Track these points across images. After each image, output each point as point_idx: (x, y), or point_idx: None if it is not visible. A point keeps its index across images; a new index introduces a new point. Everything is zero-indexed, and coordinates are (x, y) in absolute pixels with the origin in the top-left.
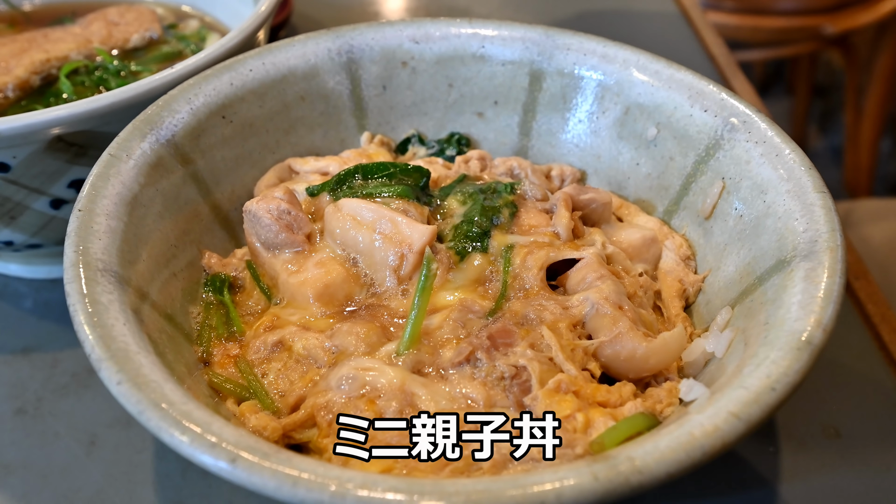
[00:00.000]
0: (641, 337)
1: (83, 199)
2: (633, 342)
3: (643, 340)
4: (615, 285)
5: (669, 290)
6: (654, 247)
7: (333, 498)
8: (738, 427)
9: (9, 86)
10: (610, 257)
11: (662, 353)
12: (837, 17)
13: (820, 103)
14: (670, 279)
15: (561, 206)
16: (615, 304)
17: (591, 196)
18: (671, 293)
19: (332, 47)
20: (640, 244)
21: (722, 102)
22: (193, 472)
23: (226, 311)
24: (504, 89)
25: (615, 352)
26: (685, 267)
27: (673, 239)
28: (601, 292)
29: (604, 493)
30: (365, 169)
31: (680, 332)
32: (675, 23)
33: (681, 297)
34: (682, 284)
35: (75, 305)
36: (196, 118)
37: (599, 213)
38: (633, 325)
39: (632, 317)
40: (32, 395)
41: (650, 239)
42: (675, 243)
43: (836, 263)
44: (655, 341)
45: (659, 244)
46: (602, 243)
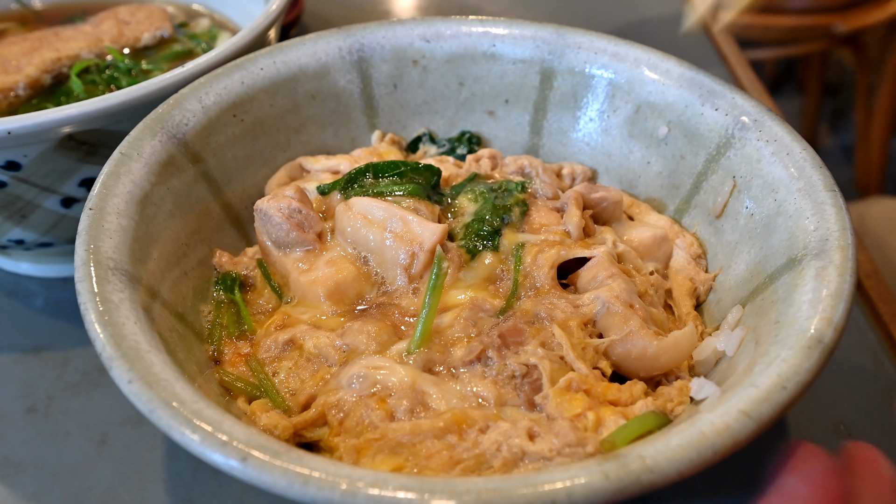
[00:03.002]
0: (652, 335)
1: (94, 197)
2: (644, 340)
3: (654, 339)
4: (626, 284)
5: (680, 288)
6: (664, 245)
7: (344, 496)
8: (748, 425)
9: (20, 84)
10: (620, 256)
11: (673, 351)
12: (848, 16)
13: (831, 102)
14: (681, 278)
15: (572, 204)
16: (626, 302)
17: (601, 194)
18: (682, 292)
19: (342, 46)
20: (650, 243)
21: (733, 101)
22: (204, 471)
23: (237, 309)
24: (515, 88)
25: (626, 350)
26: (696, 265)
27: (684, 237)
28: (612, 291)
29: (614, 492)
30: (376, 167)
31: (691, 331)
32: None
33: (691, 296)
34: (693, 283)
35: (86, 304)
36: (207, 117)
37: (610, 211)
38: (643, 324)
39: (643, 315)
40: (43, 393)
41: (661, 237)
42: (685, 242)
43: (847, 262)
44: (666, 340)
45: (670, 243)
46: (613, 242)
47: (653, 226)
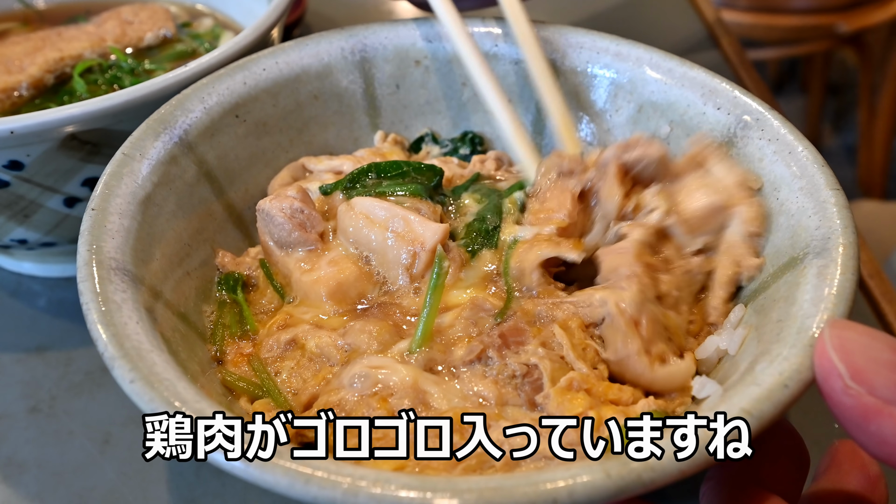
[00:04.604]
0: (646, 365)
1: (96, 197)
2: (639, 368)
3: (647, 369)
4: (640, 293)
5: (722, 272)
6: (721, 215)
7: (346, 495)
8: (750, 424)
9: (23, 84)
10: (663, 232)
11: (665, 383)
12: (851, 16)
13: (834, 102)
14: (727, 261)
15: (613, 180)
16: (631, 319)
17: (638, 153)
18: (722, 278)
19: (345, 46)
20: (705, 213)
21: (735, 100)
22: (207, 471)
23: (239, 309)
24: (517, 88)
25: (620, 370)
26: (748, 246)
27: (749, 207)
28: (621, 299)
29: (616, 491)
30: (378, 167)
31: (687, 366)
32: (688, 21)
33: (732, 283)
34: (739, 268)
35: (88, 304)
36: (209, 117)
37: (652, 171)
38: (641, 349)
39: (648, 334)
40: (46, 393)
41: (718, 208)
42: (746, 214)
43: (849, 260)
44: (660, 373)
45: (729, 211)
46: (665, 212)
47: (713, 189)
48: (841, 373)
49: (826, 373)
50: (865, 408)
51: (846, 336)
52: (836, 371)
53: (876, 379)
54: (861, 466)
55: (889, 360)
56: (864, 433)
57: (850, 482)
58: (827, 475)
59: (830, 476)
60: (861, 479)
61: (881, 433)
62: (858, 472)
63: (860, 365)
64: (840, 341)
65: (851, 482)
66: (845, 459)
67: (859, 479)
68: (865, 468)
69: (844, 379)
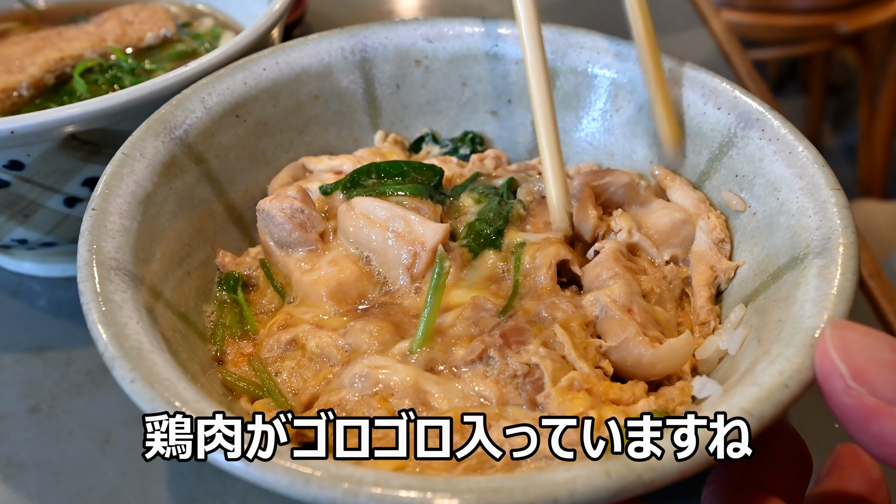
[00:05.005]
0: (647, 343)
1: (97, 197)
2: (639, 348)
3: (649, 347)
4: (627, 286)
5: (700, 277)
6: (685, 228)
7: (346, 495)
8: (750, 424)
9: (23, 84)
10: (635, 246)
11: (669, 359)
12: (852, 16)
13: (834, 102)
14: (701, 266)
15: (587, 202)
16: (624, 307)
17: (607, 179)
18: (700, 281)
19: (345, 46)
20: (668, 229)
21: (735, 100)
22: (207, 471)
23: (239, 309)
24: (518, 88)
25: (622, 357)
26: (717, 251)
27: (708, 219)
28: (611, 294)
29: (616, 490)
30: (378, 167)
31: (687, 339)
32: (688, 21)
33: (710, 286)
34: (714, 271)
35: (89, 304)
36: (210, 117)
37: (621, 195)
38: (639, 331)
39: (641, 320)
40: (47, 393)
41: (680, 222)
42: (709, 224)
43: (850, 260)
44: (662, 348)
45: (692, 224)
46: (629, 230)
47: (673, 208)
48: (842, 373)
49: (827, 373)
50: (867, 408)
51: (847, 336)
52: (837, 371)
53: (877, 379)
54: (863, 470)
55: (890, 360)
56: (866, 434)
57: (852, 485)
58: (829, 478)
59: (832, 479)
60: (863, 482)
61: (882, 434)
62: (860, 476)
63: (861, 365)
64: (841, 341)
65: (854, 485)
66: (847, 463)
67: (861, 482)
68: (868, 472)
69: (846, 379)
